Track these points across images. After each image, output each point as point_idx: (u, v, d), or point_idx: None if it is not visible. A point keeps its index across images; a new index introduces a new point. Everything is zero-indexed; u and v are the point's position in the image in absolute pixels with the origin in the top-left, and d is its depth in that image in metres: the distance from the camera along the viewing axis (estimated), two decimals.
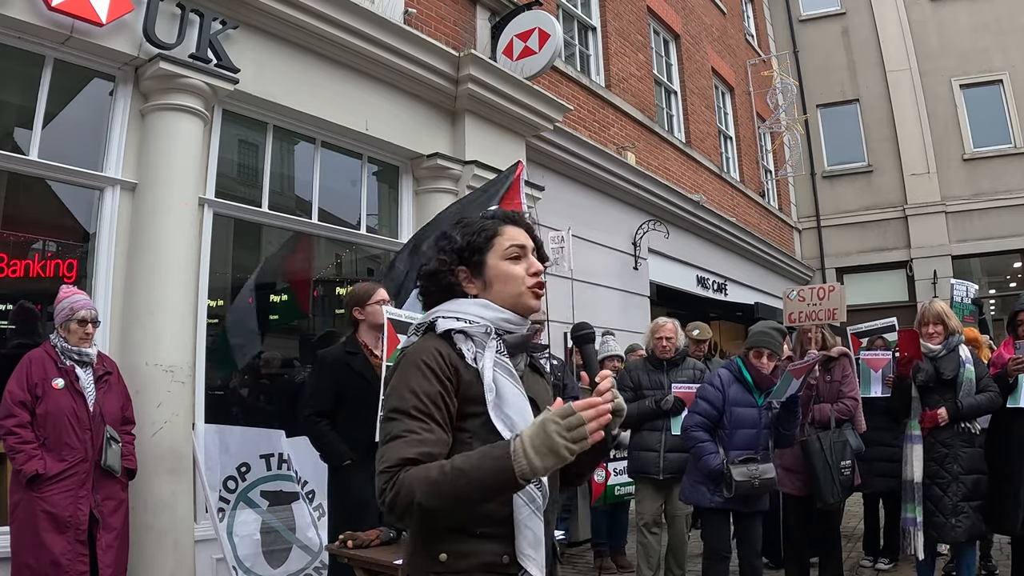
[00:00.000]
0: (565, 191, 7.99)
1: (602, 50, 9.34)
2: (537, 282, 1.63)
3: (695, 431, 3.98)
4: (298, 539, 4.36)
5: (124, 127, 4.25)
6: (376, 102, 5.55)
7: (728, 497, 3.83)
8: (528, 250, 1.65)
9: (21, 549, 3.23)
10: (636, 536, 4.82)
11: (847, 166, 15.70)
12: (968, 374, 4.09)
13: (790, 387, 3.91)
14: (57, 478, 3.27)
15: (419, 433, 1.42)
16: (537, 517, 1.46)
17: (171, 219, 4.17)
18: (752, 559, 4.00)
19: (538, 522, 1.46)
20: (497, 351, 1.53)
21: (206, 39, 4.37)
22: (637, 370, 4.84)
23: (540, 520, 1.46)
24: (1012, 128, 14.32)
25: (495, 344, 1.54)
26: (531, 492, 1.45)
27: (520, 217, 1.72)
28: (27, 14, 3.73)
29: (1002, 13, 14.51)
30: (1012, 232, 13.78)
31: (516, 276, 1.61)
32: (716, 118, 12.63)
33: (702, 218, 10.91)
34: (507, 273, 1.61)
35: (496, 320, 1.56)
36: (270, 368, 5.83)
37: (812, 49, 16.03)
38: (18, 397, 3.30)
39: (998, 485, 4.04)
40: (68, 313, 3.47)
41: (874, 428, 5.02)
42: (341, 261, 6.44)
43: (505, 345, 1.56)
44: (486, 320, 1.56)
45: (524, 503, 1.45)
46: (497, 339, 1.55)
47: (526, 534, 1.45)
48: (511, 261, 1.62)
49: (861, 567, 5.38)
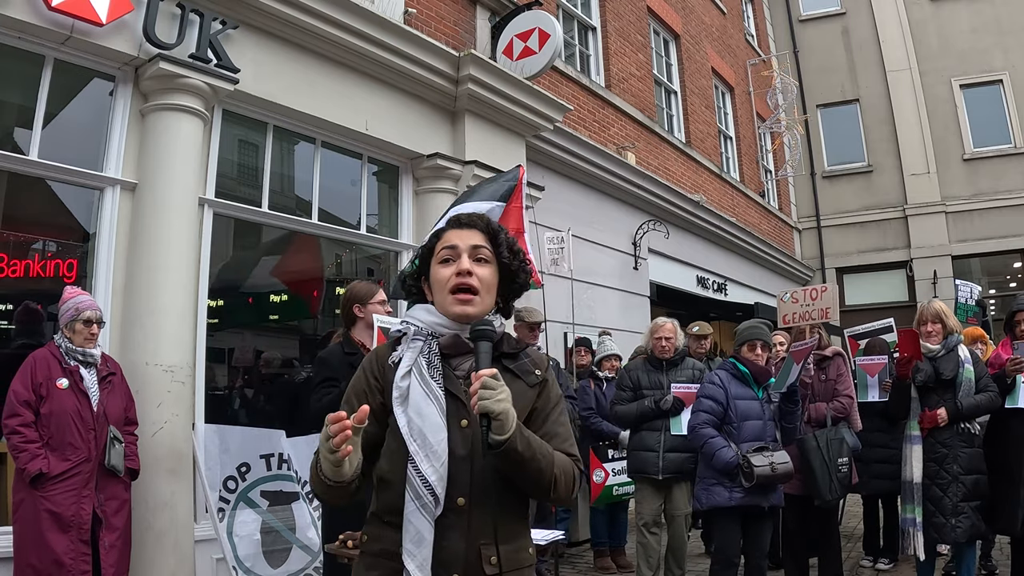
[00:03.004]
0: (565, 191, 7.99)
1: (602, 50, 9.35)
2: (457, 284, 1.60)
3: (703, 428, 3.97)
4: (298, 539, 4.36)
5: (124, 127, 4.25)
6: (376, 102, 5.56)
7: (748, 489, 3.79)
8: (460, 251, 1.62)
9: (24, 548, 3.23)
10: (636, 536, 4.82)
11: (847, 166, 15.70)
12: (967, 374, 4.09)
13: (792, 372, 3.93)
14: (60, 478, 3.28)
15: None
16: (422, 515, 1.48)
17: (171, 219, 4.17)
18: (758, 560, 4.00)
19: (422, 520, 1.47)
20: (424, 352, 1.59)
21: (206, 39, 4.37)
22: (636, 370, 4.84)
23: (425, 519, 1.47)
24: (1012, 128, 14.32)
25: (420, 345, 1.60)
26: (417, 489, 1.48)
27: (469, 219, 1.70)
28: (27, 14, 3.74)
29: (1002, 13, 14.50)
30: (1012, 232, 13.78)
31: (439, 280, 1.63)
32: (716, 118, 12.63)
33: (702, 218, 10.91)
34: (435, 278, 1.65)
35: (431, 324, 1.62)
36: (270, 368, 5.84)
37: (812, 49, 16.02)
38: (22, 396, 3.31)
39: (998, 485, 4.05)
40: (73, 313, 3.48)
41: (871, 430, 5.04)
42: (341, 261, 6.45)
43: (439, 348, 1.60)
44: (423, 323, 1.63)
45: (411, 498, 1.49)
46: (430, 341, 1.60)
47: (409, 529, 1.49)
48: (441, 265, 1.64)
49: (861, 567, 5.39)
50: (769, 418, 4.01)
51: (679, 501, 4.61)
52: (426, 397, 1.53)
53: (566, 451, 1.62)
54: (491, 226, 1.69)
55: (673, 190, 10.00)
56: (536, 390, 1.64)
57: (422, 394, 1.54)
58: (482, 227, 1.67)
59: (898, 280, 14.94)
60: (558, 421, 1.66)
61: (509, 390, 1.47)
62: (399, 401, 1.55)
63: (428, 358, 1.58)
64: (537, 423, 1.63)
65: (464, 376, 1.59)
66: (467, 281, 1.60)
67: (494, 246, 1.67)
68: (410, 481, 1.49)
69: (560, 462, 1.57)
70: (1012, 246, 13.98)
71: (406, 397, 1.55)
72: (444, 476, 1.49)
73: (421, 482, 1.48)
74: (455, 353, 1.61)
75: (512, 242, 1.71)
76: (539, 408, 1.64)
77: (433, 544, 1.48)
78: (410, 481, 1.49)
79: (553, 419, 1.65)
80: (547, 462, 1.53)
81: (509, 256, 1.67)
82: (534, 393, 1.64)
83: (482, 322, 1.57)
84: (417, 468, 1.49)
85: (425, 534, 1.48)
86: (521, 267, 1.70)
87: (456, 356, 1.62)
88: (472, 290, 1.60)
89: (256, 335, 5.88)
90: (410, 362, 1.57)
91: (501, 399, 1.43)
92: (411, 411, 1.53)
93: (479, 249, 1.64)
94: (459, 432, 1.53)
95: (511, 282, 1.71)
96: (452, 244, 1.64)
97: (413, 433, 1.51)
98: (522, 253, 1.73)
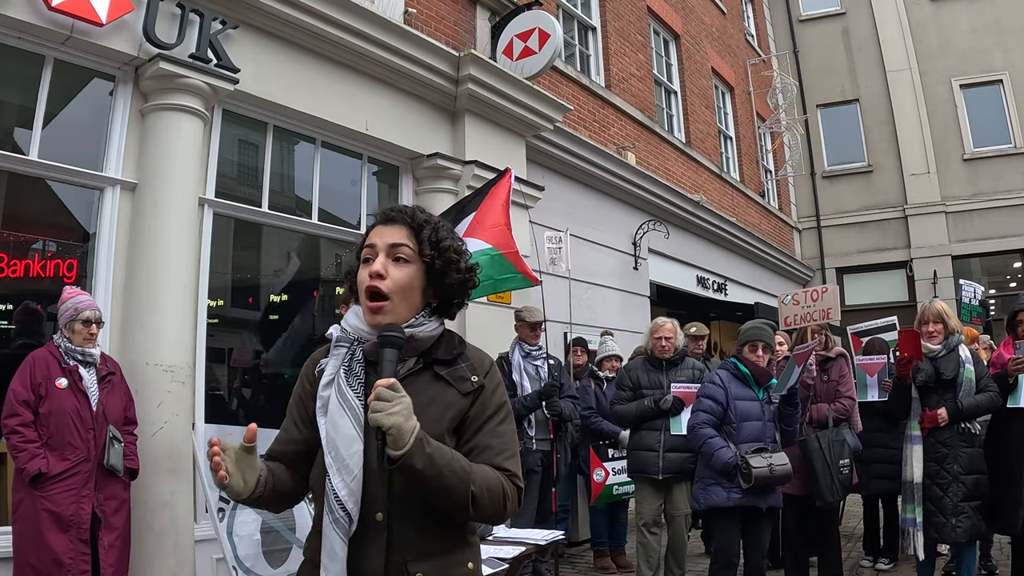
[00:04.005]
0: (565, 191, 7.99)
1: (602, 50, 9.35)
2: (368, 287, 1.49)
3: (702, 428, 3.97)
4: (298, 539, 4.35)
5: (124, 127, 4.25)
6: (376, 102, 5.56)
7: (747, 490, 3.78)
8: (377, 250, 1.52)
9: (23, 548, 3.23)
10: (636, 536, 4.82)
11: (847, 166, 15.69)
12: (968, 374, 4.09)
13: (793, 375, 3.93)
14: (60, 477, 3.28)
15: (280, 432, 1.64)
16: (334, 531, 1.43)
17: (171, 219, 4.17)
18: (758, 560, 3.99)
19: (335, 535, 1.43)
20: (346, 360, 1.51)
21: (206, 39, 4.37)
22: (636, 370, 4.84)
23: (337, 534, 1.42)
24: (1012, 128, 14.32)
25: (343, 352, 1.53)
26: (331, 503, 1.44)
27: (394, 213, 1.57)
28: (27, 14, 3.73)
29: (1002, 13, 14.50)
30: (1012, 232, 13.78)
31: (360, 283, 1.53)
32: (716, 118, 12.62)
33: (702, 218, 10.91)
34: (358, 280, 1.55)
35: (357, 329, 1.54)
36: (270, 368, 5.84)
37: (812, 49, 16.02)
38: (21, 396, 3.31)
39: (998, 485, 4.05)
40: (73, 313, 3.48)
41: (872, 430, 5.05)
42: (341, 261, 6.44)
43: (364, 355, 1.52)
44: (351, 329, 1.54)
45: (326, 511, 1.45)
46: (355, 347, 1.53)
47: (325, 543, 1.44)
48: (363, 265, 1.54)
49: (861, 567, 5.39)
50: (769, 419, 4.00)
51: (679, 501, 4.61)
52: (340, 408, 1.46)
53: (498, 465, 1.49)
54: (416, 219, 1.55)
55: (673, 190, 10.00)
56: (470, 398, 1.52)
57: (337, 405, 1.47)
58: (406, 221, 1.54)
59: (898, 280, 14.94)
60: (494, 432, 1.52)
61: (408, 401, 1.35)
62: (321, 411, 1.50)
63: (350, 365, 1.50)
64: (468, 433, 1.52)
65: None
66: (375, 284, 1.49)
67: (417, 243, 1.53)
68: (327, 495, 1.44)
69: (483, 478, 1.44)
70: (1012, 246, 13.97)
71: (326, 407, 1.49)
72: (356, 491, 1.43)
73: (334, 497, 1.43)
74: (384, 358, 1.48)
75: (441, 237, 1.55)
76: (472, 417, 1.52)
77: (349, 559, 1.43)
78: (327, 495, 1.44)
79: (488, 429, 1.52)
80: (458, 479, 1.40)
81: (432, 254, 1.53)
82: (467, 401, 1.52)
83: (388, 327, 1.45)
84: (330, 481, 1.44)
85: (337, 550, 1.42)
86: (449, 264, 1.55)
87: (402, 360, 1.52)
88: (380, 295, 1.49)
89: (256, 335, 5.87)
90: (333, 370, 1.51)
91: (393, 412, 1.32)
92: (327, 422, 1.47)
93: (398, 248, 1.51)
94: (378, 445, 1.38)
95: (440, 281, 1.56)
96: (371, 243, 1.54)
97: (328, 445, 1.46)
98: (455, 248, 1.57)
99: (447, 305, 1.61)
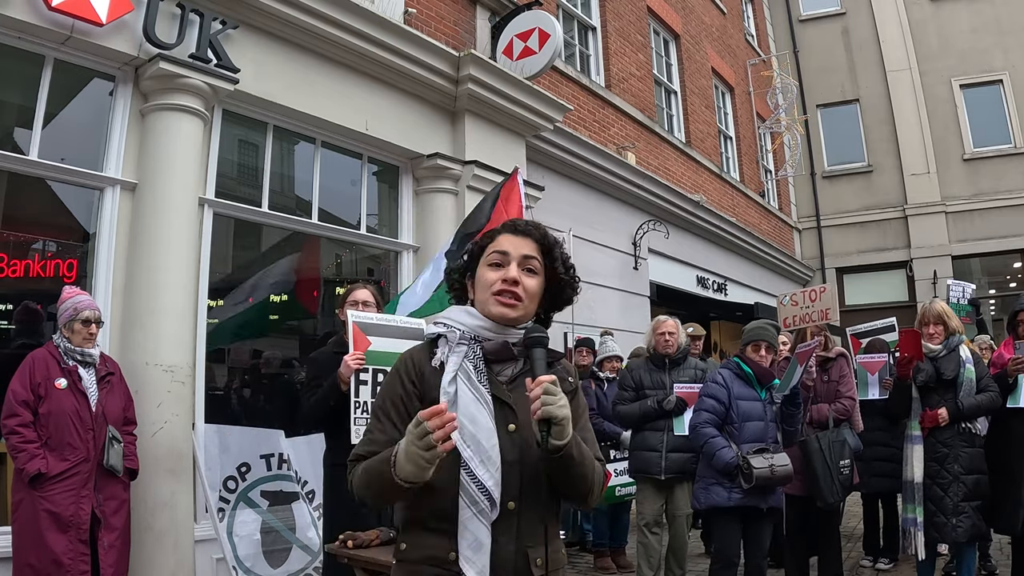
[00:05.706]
0: (565, 191, 7.99)
1: (602, 50, 9.35)
2: (503, 289, 1.59)
3: (704, 427, 3.97)
4: (298, 539, 4.36)
5: (124, 127, 4.25)
6: (376, 102, 5.56)
7: (747, 490, 3.78)
8: (511, 258, 1.62)
9: (23, 548, 3.23)
10: (637, 536, 4.82)
11: (847, 166, 15.69)
12: (968, 374, 4.09)
13: (795, 374, 3.93)
14: (59, 478, 3.27)
15: (373, 432, 1.60)
16: (479, 520, 1.48)
17: (171, 219, 4.17)
18: (758, 560, 3.99)
19: (479, 525, 1.48)
20: (468, 356, 1.58)
21: (206, 39, 4.37)
22: (639, 370, 4.84)
23: (482, 524, 1.48)
24: (1012, 128, 14.31)
25: (464, 350, 1.58)
26: (473, 495, 1.48)
27: (526, 227, 1.68)
28: (27, 14, 3.74)
29: (1002, 13, 14.50)
30: (1012, 232, 13.78)
31: (486, 283, 1.62)
32: (716, 118, 12.62)
33: (702, 218, 10.91)
34: (481, 280, 1.64)
35: (474, 327, 1.61)
36: (270, 368, 5.84)
37: (812, 49, 16.02)
38: (21, 396, 3.31)
39: (998, 485, 4.05)
40: (72, 313, 3.47)
41: (872, 429, 5.04)
42: (341, 261, 6.44)
43: (483, 352, 1.59)
44: (466, 326, 1.61)
45: (466, 504, 1.49)
46: (473, 345, 1.59)
47: (466, 535, 1.49)
48: (490, 268, 1.63)
49: (861, 567, 5.38)
50: (771, 419, 4.00)
51: (681, 501, 4.60)
52: (477, 402, 1.53)
53: (595, 455, 1.65)
54: (547, 238, 1.68)
55: (673, 190, 10.00)
56: (568, 397, 1.61)
57: (473, 399, 1.53)
58: (537, 237, 1.66)
59: (898, 280, 14.93)
60: (586, 427, 1.67)
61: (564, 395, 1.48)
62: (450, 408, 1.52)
63: (474, 362, 1.58)
64: None
65: (508, 381, 1.60)
66: (512, 289, 1.59)
67: (547, 258, 1.66)
68: (464, 487, 1.48)
69: (597, 467, 1.62)
70: (1012, 246, 13.97)
71: (454, 402, 1.53)
72: (500, 481, 1.49)
73: (477, 487, 1.48)
74: (497, 359, 1.61)
75: (567, 257, 1.70)
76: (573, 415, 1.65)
77: None
78: (464, 487, 1.48)
79: (582, 425, 1.65)
80: (591, 467, 1.57)
81: (563, 272, 1.67)
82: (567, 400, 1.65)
83: (535, 329, 1.58)
84: (472, 474, 1.48)
85: (483, 540, 1.48)
86: (570, 283, 1.70)
87: (497, 362, 1.62)
88: (516, 296, 1.60)
89: (256, 335, 5.87)
90: (456, 366, 1.56)
91: (563, 405, 1.45)
92: (462, 416, 1.51)
93: (529, 259, 1.63)
94: (507, 437, 1.53)
95: (557, 295, 1.70)
96: (504, 250, 1.63)
97: (466, 438, 1.50)
98: (574, 269, 1.72)
99: (547, 316, 1.74)
